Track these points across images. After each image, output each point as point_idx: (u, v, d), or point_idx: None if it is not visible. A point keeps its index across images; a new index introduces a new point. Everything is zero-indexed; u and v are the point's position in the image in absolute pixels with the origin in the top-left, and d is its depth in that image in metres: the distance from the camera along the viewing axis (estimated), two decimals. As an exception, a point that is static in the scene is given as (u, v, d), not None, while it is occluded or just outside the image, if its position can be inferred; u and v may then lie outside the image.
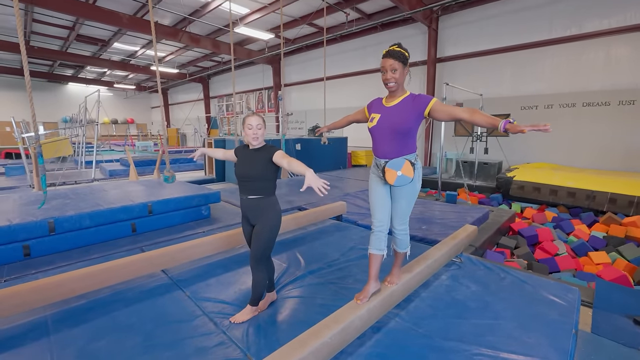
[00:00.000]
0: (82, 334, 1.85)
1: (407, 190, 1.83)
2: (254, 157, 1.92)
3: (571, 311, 2.06)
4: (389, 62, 1.75)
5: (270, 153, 1.87)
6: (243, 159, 1.97)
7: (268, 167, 1.89)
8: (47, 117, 20.02)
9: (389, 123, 1.77)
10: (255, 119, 1.91)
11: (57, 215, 3.06)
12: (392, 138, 1.77)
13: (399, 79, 1.77)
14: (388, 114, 1.80)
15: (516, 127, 1.45)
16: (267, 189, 1.94)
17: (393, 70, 1.75)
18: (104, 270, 2.17)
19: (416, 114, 1.74)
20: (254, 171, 1.89)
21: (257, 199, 1.91)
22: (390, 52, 1.77)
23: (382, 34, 10.29)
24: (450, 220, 3.96)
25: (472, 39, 8.54)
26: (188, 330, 1.88)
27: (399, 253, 1.99)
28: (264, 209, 1.91)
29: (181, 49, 13.68)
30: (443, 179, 7.69)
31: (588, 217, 5.16)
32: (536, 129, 1.42)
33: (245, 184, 1.93)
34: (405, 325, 1.91)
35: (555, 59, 7.36)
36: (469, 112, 1.65)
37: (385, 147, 1.80)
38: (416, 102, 1.76)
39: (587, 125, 7.05)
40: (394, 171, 1.75)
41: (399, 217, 1.91)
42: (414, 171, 1.77)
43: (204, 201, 4.14)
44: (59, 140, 8.88)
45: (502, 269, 2.64)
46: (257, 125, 1.90)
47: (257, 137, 1.90)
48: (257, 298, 1.97)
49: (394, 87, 1.79)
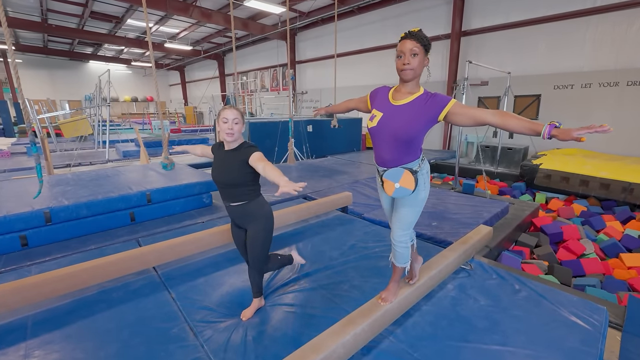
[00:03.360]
0: (59, 339, 1.78)
1: (410, 199, 1.59)
2: (229, 160, 1.73)
3: (596, 338, 1.78)
4: (409, 44, 1.43)
5: (247, 155, 1.67)
6: (218, 161, 1.80)
7: (245, 170, 1.69)
8: (71, 95, 20.57)
9: (391, 127, 1.50)
10: (231, 112, 1.70)
11: (53, 205, 3.01)
12: (393, 145, 1.52)
13: (418, 68, 1.46)
14: (392, 115, 1.52)
15: (567, 132, 1.17)
16: (250, 194, 1.77)
17: (413, 55, 1.44)
18: (86, 269, 2.08)
19: (428, 118, 1.47)
20: (230, 177, 1.72)
21: (241, 205, 1.77)
22: (411, 32, 1.45)
23: (402, 5, 9.50)
24: (464, 215, 3.65)
25: (502, 8, 7.69)
26: (165, 340, 1.77)
27: (397, 267, 1.76)
28: (251, 214, 1.79)
29: (194, 25, 13.34)
30: (462, 165, 7.25)
31: (623, 213, 4.67)
32: (592, 132, 1.14)
33: (224, 190, 1.77)
34: (399, 347, 1.71)
35: (597, 31, 6.50)
36: (499, 116, 1.36)
37: (384, 155, 1.57)
38: (430, 104, 1.46)
39: (630, 108, 6.29)
40: (392, 182, 1.54)
41: (399, 226, 1.66)
42: (416, 181, 1.53)
43: (205, 189, 4.02)
44: (77, 120, 9.03)
45: (517, 279, 2.36)
46: (233, 120, 1.69)
47: (232, 133, 1.70)
48: (258, 291, 1.98)
49: (410, 77, 1.47)
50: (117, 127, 14.34)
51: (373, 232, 3.24)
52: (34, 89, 19.46)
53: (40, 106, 11.14)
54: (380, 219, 3.56)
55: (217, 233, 2.69)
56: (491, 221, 3.60)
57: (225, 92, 17.58)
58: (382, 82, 10.57)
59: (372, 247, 2.91)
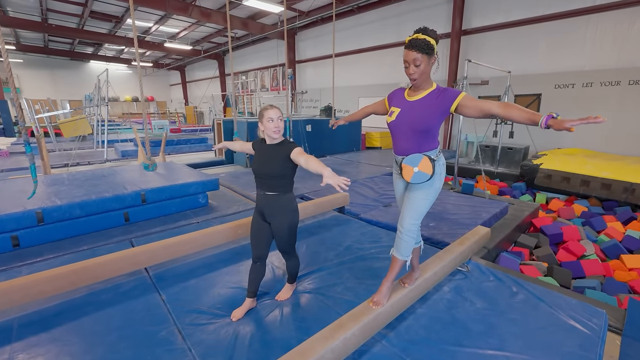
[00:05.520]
0: (45, 342, 1.75)
1: (425, 187, 1.68)
2: (272, 154, 1.83)
3: (595, 343, 1.73)
4: (411, 55, 1.55)
5: (289, 150, 1.78)
6: (260, 154, 1.90)
7: (286, 164, 1.80)
8: (73, 95, 20.59)
9: (409, 120, 1.64)
10: (275, 112, 1.79)
11: (46, 205, 2.98)
12: (411, 136, 1.65)
13: (424, 72, 1.59)
14: (409, 109, 1.66)
15: (561, 122, 1.26)
16: (284, 186, 1.87)
17: (417, 65, 1.56)
18: (75, 271, 2.04)
19: (440, 110, 1.60)
20: (272, 169, 1.82)
21: (274, 195, 1.87)
22: (412, 42, 1.54)
23: (402, 4, 9.45)
24: (463, 216, 3.60)
25: (502, 7, 7.63)
26: (152, 343, 1.74)
27: (397, 261, 1.75)
28: (281, 207, 1.88)
29: (194, 24, 13.33)
30: (463, 165, 7.19)
31: (624, 213, 4.61)
32: (586, 122, 1.21)
33: (262, 180, 1.88)
34: (391, 351, 1.67)
35: (598, 29, 6.43)
36: (503, 107, 1.47)
37: (403, 144, 1.69)
38: (442, 97, 1.60)
39: (632, 107, 6.22)
40: (411, 167, 1.64)
41: (410, 215, 1.70)
42: (434, 168, 1.62)
43: (201, 189, 3.98)
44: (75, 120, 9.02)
45: (515, 281, 2.31)
46: (278, 118, 1.80)
47: (279, 130, 1.80)
48: (293, 277, 2.15)
49: (418, 83, 1.63)
50: (117, 127, 14.33)
51: (369, 233, 3.20)
52: (36, 88, 19.51)
53: (42, 106, 11.13)
54: (377, 220, 3.52)
55: (211, 234, 2.65)
56: (490, 222, 3.55)
57: (225, 91, 17.56)
58: (382, 82, 10.52)
59: (368, 248, 2.86)
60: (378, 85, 10.62)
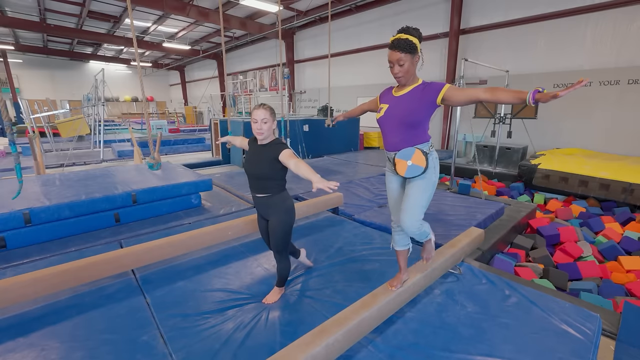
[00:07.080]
0: (22, 347, 1.70)
1: (421, 181, 1.67)
2: (261, 155, 1.84)
3: (587, 348, 1.68)
4: (395, 55, 1.58)
5: (277, 152, 1.77)
6: (251, 154, 1.91)
7: (274, 166, 1.79)
8: (72, 95, 20.58)
9: (396, 114, 1.67)
10: (260, 113, 1.78)
11: (34, 205, 2.94)
12: (401, 130, 1.66)
13: (408, 71, 1.61)
14: (396, 104, 1.70)
15: (548, 94, 1.28)
16: (275, 187, 1.87)
17: (400, 65, 1.59)
18: (57, 274, 2.00)
19: (427, 104, 1.61)
20: (260, 170, 1.83)
21: (266, 197, 1.88)
22: (395, 43, 1.57)
23: (401, 3, 9.40)
24: (458, 217, 3.55)
25: (501, 6, 7.57)
26: (133, 348, 1.69)
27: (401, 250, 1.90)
28: (274, 206, 1.89)
29: (192, 24, 13.29)
30: (461, 165, 7.14)
31: (623, 214, 4.55)
32: (572, 89, 1.24)
33: (253, 181, 1.89)
34: (377, 357, 1.62)
35: (597, 28, 6.37)
36: (490, 91, 1.48)
37: (394, 139, 1.70)
38: (427, 91, 1.61)
39: (631, 107, 6.16)
40: (404, 161, 1.64)
41: (409, 213, 1.67)
42: (427, 161, 1.63)
43: (194, 189, 3.94)
44: (73, 120, 8.99)
45: (508, 283, 2.26)
46: (262, 120, 1.78)
47: (261, 132, 1.80)
48: (282, 280, 2.09)
49: (403, 81, 1.66)
50: (115, 127, 14.30)
51: (362, 234, 3.15)
52: (35, 88, 19.51)
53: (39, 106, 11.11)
54: (371, 221, 3.47)
55: (200, 235, 2.61)
56: (485, 223, 3.50)
57: (224, 91, 17.51)
58: (381, 81, 10.46)
59: (360, 249, 2.82)
60: (376, 85, 10.57)
